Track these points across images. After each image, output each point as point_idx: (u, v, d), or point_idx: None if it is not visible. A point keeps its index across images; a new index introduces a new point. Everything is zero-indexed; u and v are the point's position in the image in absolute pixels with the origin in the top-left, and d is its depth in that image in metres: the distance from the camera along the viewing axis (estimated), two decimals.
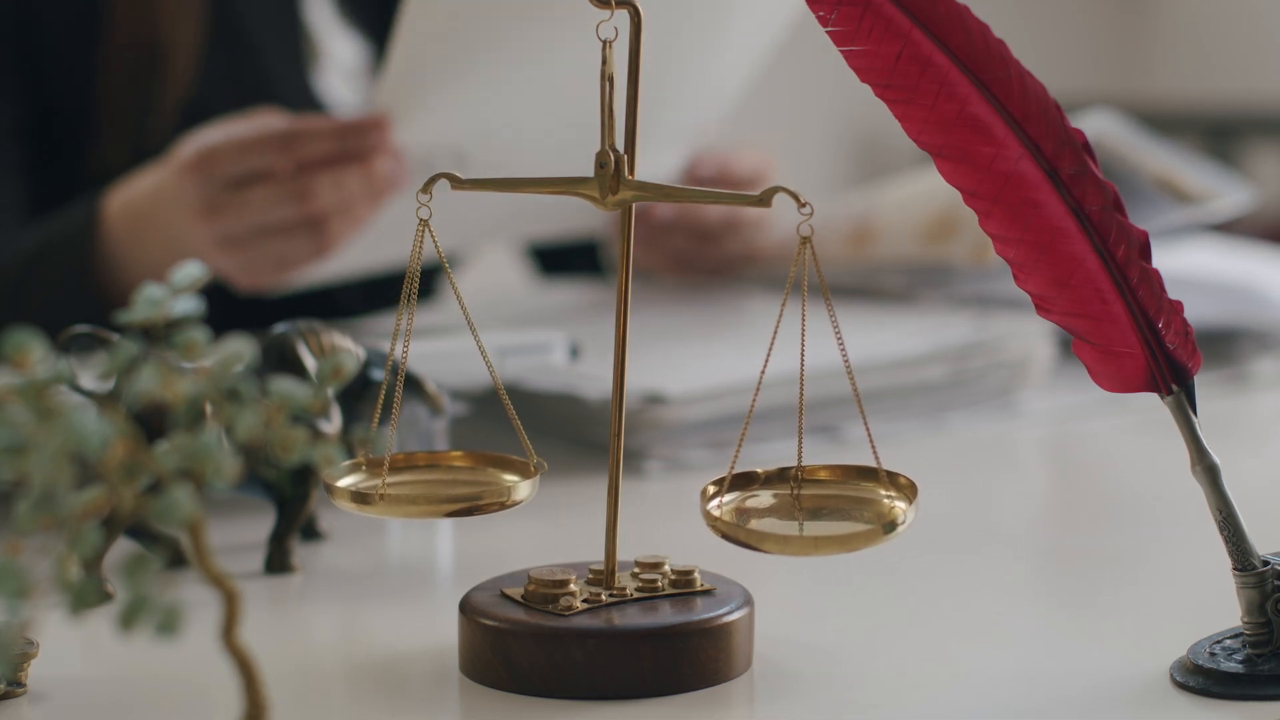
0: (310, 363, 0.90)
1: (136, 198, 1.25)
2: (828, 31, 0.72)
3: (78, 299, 1.25)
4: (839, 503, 0.76)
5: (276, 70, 1.44)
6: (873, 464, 0.75)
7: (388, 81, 1.20)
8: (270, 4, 1.44)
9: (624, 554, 0.76)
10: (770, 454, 1.10)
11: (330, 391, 0.61)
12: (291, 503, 0.90)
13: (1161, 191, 1.35)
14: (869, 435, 0.74)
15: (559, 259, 1.66)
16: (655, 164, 1.37)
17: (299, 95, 1.44)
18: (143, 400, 0.56)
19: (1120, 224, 0.72)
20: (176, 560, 0.89)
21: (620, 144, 0.74)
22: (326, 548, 0.95)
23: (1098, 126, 1.42)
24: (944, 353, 1.22)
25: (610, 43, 0.73)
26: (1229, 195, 1.41)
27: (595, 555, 0.77)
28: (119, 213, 1.26)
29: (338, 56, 1.48)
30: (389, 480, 0.78)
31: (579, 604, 0.74)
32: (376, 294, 1.50)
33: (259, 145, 1.17)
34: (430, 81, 1.20)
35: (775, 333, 0.72)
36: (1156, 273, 0.73)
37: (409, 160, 1.20)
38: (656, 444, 1.11)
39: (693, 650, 0.73)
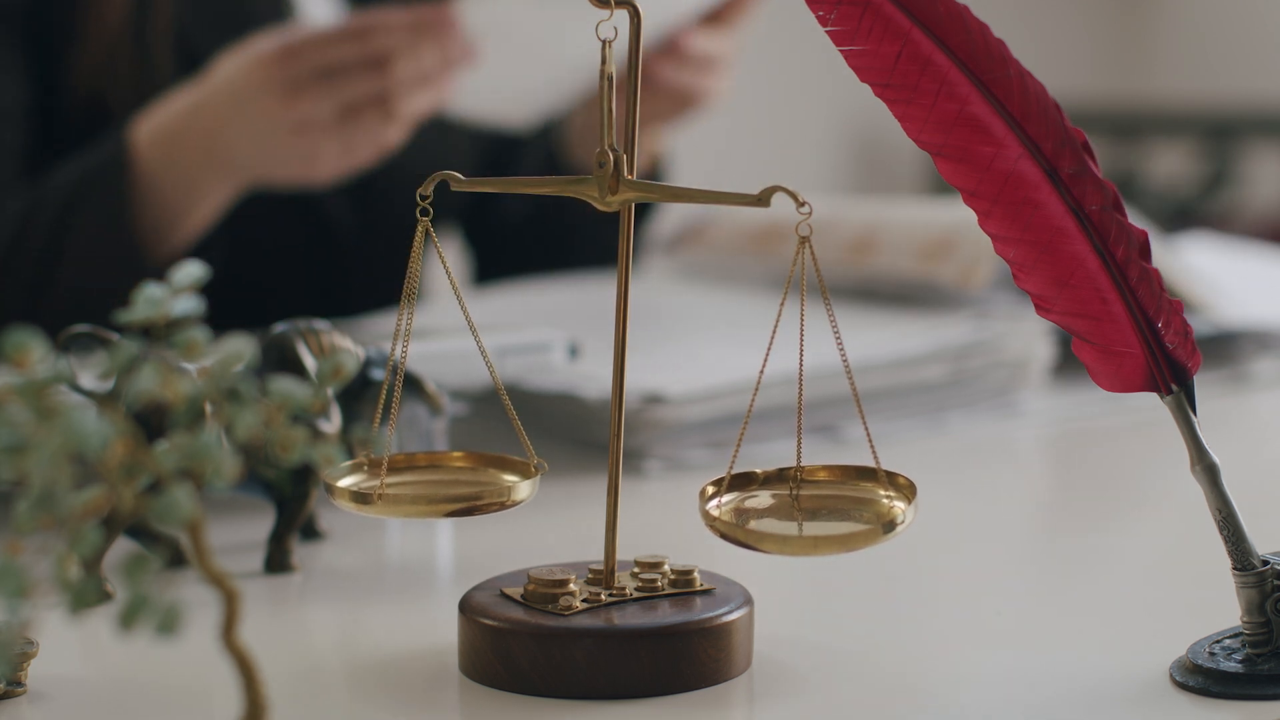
0: (310, 362, 0.90)
1: (170, 120, 1.30)
2: (827, 31, 0.72)
3: (117, 242, 1.30)
4: (838, 503, 0.76)
5: (262, 19, 1.47)
6: (872, 464, 0.75)
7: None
8: None
9: (624, 554, 0.76)
10: (770, 454, 1.10)
11: (330, 391, 0.61)
12: (291, 502, 0.90)
13: None
14: (868, 435, 0.74)
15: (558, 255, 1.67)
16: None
17: (276, 13, 1.49)
18: (143, 400, 0.56)
19: (1120, 223, 0.72)
20: (176, 560, 0.89)
21: (619, 143, 0.74)
22: (326, 548, 0.95)
23: None
24: (944, 352, 1.22)
25: (610, 42, 0.73)
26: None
27: (595, 555, 0.77)
28: (149, 140, 1.30)
29: (312, 13, 1.53)
30: (389, 480, 0.78)
31: (579, 604, 0.74)
32: (376, 293, 1.50)
33: (338, 38, 1.26)
34: None
35: (774, 332, 0.72)
36: (1156, 272, 0.73)
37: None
38: (656, 444, 1.11)
39: (692, 650, 0.73)
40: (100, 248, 1.30)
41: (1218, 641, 0.74)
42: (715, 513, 0.74)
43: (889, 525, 0.72)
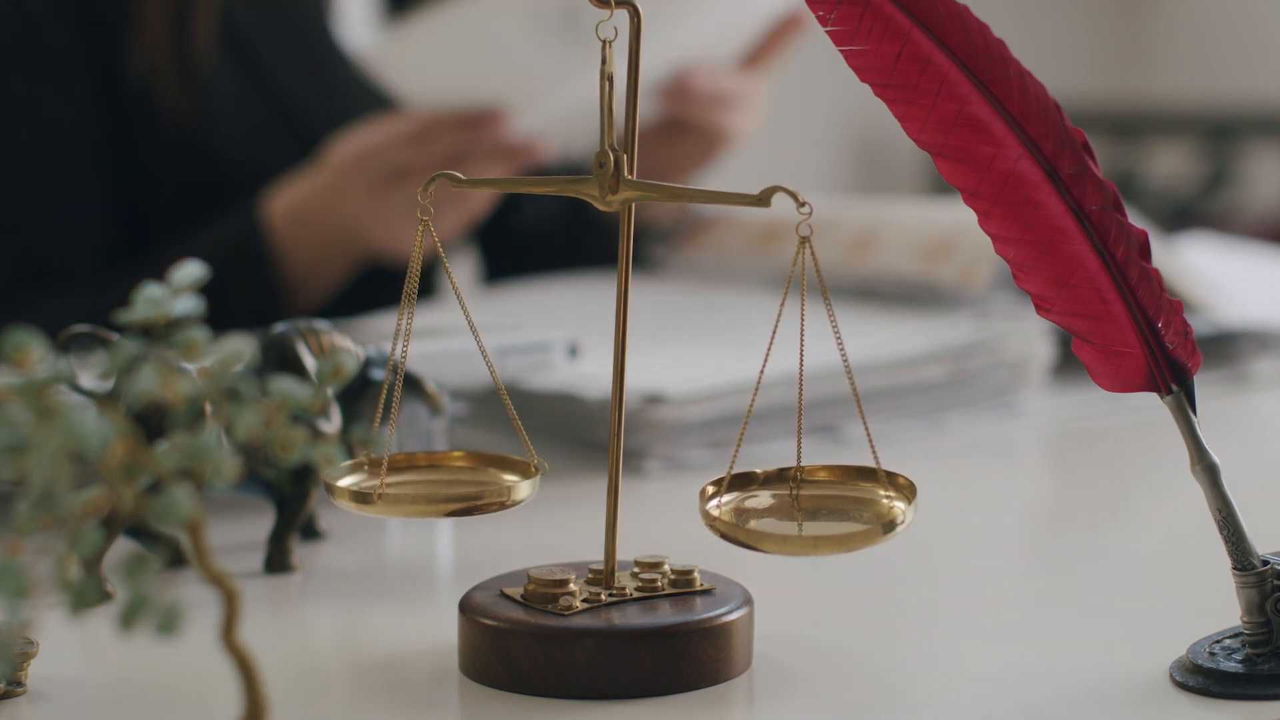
0: (310, 362, 0.90)
1: (299, 202, 1.40)
2: (827, 31, 0.72)
3: (263, 310, 1.37)
4: (838, 503, 0.76)
5: (306, 11, 1.54)
6: (872, 464, 0.75)
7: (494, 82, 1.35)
8: None
9: (624, 554, 0.76)
10: (770, 454, 1.10)
11: (330, 391, 0.61)
12: (291, 502, 0.90)
13: None
14: (868, 435, 0.74)
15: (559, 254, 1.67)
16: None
17: (322, 38, 1.55)
18: (143, 400, 0.56)
19: (1120, 223, 0.72)
20: (176, 560, 0.89)
21: (619, 143, 0.74)
22: (326, 547, 0.95)
23: None
24: (944, 352, 1.22)
25: (610, 42, 0.73)
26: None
27: (595, 555, 0.77)
28: (282, 218, 1.40)
29: (350, 6, 1.59)
30: (389, 480, 0.78)
31: (579, 604, 0.74)
32: (376, 294, 1.50)
33: (401, 143, 1.35)
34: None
35: (774, 332, 0.72)
36: (1156, 272, 0.73)
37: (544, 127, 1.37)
38: (656, 444, 1.11)
39: (692, 650, 0.73)
40: (247, 315, 1.34)
41: (1218, 641, 0.74)
42: (715, 513, 0.74)
43: (889, 525, 0.72)
